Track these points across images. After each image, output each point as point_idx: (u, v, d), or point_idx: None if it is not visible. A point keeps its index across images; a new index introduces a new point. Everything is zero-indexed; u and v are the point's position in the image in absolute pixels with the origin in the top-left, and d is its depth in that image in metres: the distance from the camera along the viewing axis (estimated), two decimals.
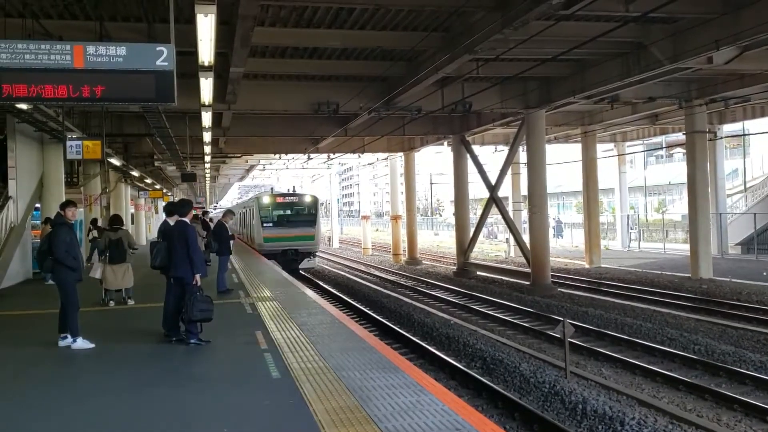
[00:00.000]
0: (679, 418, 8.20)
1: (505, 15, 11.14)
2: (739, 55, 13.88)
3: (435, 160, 67.12)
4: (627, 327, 13.81)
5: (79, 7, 11.38)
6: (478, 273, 25.96)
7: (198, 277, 7.81)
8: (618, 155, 34.48)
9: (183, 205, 8.48)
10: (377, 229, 66.54)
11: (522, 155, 26.95)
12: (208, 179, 44.14)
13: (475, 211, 41.11)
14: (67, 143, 13.03)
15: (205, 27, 8.32)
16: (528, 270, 21.36)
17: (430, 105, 18.85)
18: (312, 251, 26.07)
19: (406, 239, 34.79)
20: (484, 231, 35.48)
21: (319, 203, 28.14)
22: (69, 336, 7.77)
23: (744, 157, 37.76)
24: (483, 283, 22.99)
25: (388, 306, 17.32)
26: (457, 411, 4.97)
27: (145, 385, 6.15)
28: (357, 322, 12.57)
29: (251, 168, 44.15)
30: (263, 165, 42.26)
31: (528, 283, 20.88)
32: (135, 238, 16.73)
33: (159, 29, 11.30)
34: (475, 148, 28.49)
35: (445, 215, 78.29)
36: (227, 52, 12.54)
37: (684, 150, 26.48)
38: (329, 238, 51.31)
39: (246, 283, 13.92)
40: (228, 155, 31.75)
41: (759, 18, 11.37)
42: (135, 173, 26.45)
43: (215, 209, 66.07)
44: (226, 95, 15.84)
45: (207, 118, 15.73)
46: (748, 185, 33.00)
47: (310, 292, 12.97)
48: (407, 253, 34.14)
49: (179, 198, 25.36)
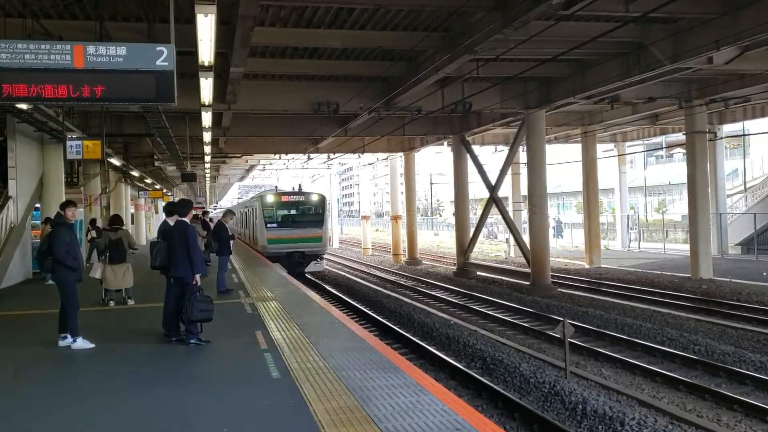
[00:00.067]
0: (679, 418, 8.20)
1: (505, 15, 11.14)
2: (740, 55, 13.90)
3: (435, 160, 67.07)
4: (627, 327, 13.81)
5: (79, 7, 11.38)
6: (478, 273, 25.97)
7: (198, 277, 7.81)
8: (618, 155, 34.50)
9: (183, 205, 8.47)
10: (377, 229, 66.55)
11: (522, 155, 26.94)
12: (208, 179, 44.13)
13: (475, 211, 41.10)
14: (67, 143, 13.02)
15: (205, 27, 8.32)
16: (528, 270, 21.37)
17: (430, 105, 18.85)
18: (319, 253, 24.48)
19: (406, 239, 34.79)
20: (484, 231, 35.48)
21: (327, 202, 26.55)
22: (69, 336, 7.77)
23: (744, 158, 37.74)
24: (483, 284, 22.99)
25: (388, 306, 17.33)
26: (457, 411, 4.97)
27: (145, 385, 6.14)
28: (357, 322, 12.58)
29: (251, 168, 44.17)
30: (263, 165, 42.26)
31: (528, 284, 20.89)
32: (135, 238, 16.73)
33: (159, 29, 11.30)
34: (475, 148, 28.50)
35: (445, 215, 78.28)
36: (227, 52, 12.55)
37: (684, 150, 26.48)
38: (329, 238, 51.17)
39: (246, 283, 13.92)
40: (228, 155, 31.74)
41: (759, 18, 11.37)
42: (135, 173, 26.44)
43: (215, 209, 66.04)
44: (226, 95, 15.84)
45: (207, 118, 15.73)
46: (748, 185, 32.99)
47: (310, 292, 12.97)
48: (407, 253, 34.15)
49: (179, 198, 25.33)
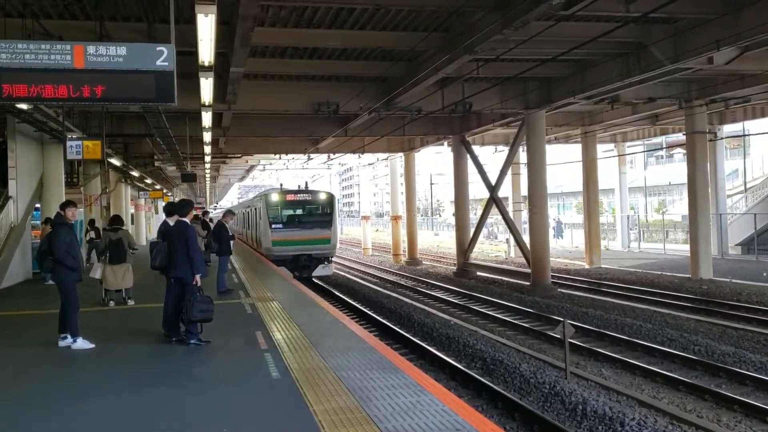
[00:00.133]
0: (679, 418, 8.20)
1: (505, 15, 11.14)
2: (740, 56, 13.91)
3: (435, 160, 67.09)
4: (627, 327, 13.81)
5: (79, 7, 11.38)
6: (478, 273, 25.96)
7: (198, 278, 7.80)
8: (618, 155, 34.51)
9: (183, 206, 8.46)
10: (377, 230, 66.54)
11: (522, 155, 26.94)
12: (208, 179, 44.14)
13: (475, 212, 41.09)
14: (67, 143, 13.03)
15: (205, 27, 8.32)
16: (528, 270, 21.36)
17: (430, 105, 18.85)
18: (328, 256, 22.69)
19: (406, 239, 34.77)
20: (484, 231, 35.47)
21: (336, 201, 24.82)
22: (69, 336, 7.77)
23: (744, 158, 37.74)
24: (483, 284, 22.98)
25: (388, 306, 17.33)
26: (457, 411, 4.96)
27: (145, 385, 6.14)
28: (357, 322, 12.57)
29: (251, 168, 44.18)
30: (263, 165, 42.26)
31: (528, 284, 20.89)
32: (135, 238, 16.72)
33: (159, 29, 11.30)
34: (475, 148, 28.50)
35: (445, 215, 78.27)
36: (227, 52, 12.55)
37: (684, 150, 26.48)
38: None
39: (246, 284, 13.91)
40: (228, 155, 31.74)
41: (759, 18, 11.37)
42: (135, 173, 26.44)
43: (215, 209, 66.02)
44: (226, 95, 15.84)
45: (207, 118, 15.72)
46: (748, 186, 33.00)
47: (310, 292, 12.96)
48: (407, 254, 34.13)
49: (179, 198, 25.30)
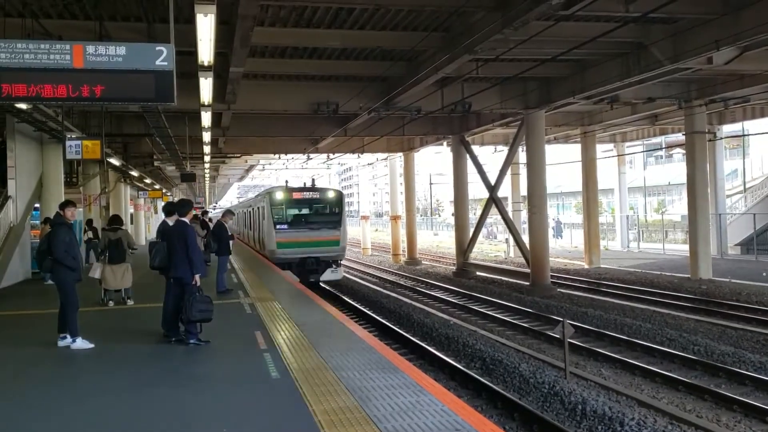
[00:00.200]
0: (679, 418, 8.21)
1: (505, 15, 11.14)
2: (739, 56, 13.91)
3: (435, 160, 67.11)
4: (626, 327, 13.81)
5: (79, 7, 11.37)
6: (477, 273, 25.96)
7: (197, 278, 7.80)
8: (617, 155, 34.53)
9: (183, 205, 8.46)
10: (377, 229, 66.56)
11: (522, 155, 26.95)
12: (207, 179, 44.13)
13: (475, 212, 41.08)
14: (67, 143, 13.01)
15: (205, 27, 8.31)
16: (527, 270, 21.36)
17: (429, 105, 18.84)
18: (337, 259, 21.08)
19: (405, 239, 34.78)
20: (483, 231, 35.46)
21: (345, 199, 23.08)
22: (68, 336, 7.77)
23: (743, 158, 37.78)
24: (482, 284, 22.98)
25: (387, 306, 17.32)
26: (457, 411, 4.97)
27: (145, 385, 6.14)
28: (356, 322, 12.56)
29: (251, 168, 44.15)
30: (263, 165, 42.23)
31: (527, 284, 20.89)
32: (134, 238, 16.71)
33: (159, 29, 11.29)
34: (475, 148, 28.52)
35: (445, 215, 78.25)
36: (227, 52, 12.54)
37: (683, 150, 26.50)
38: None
39: (245, 284, 13.91)
40: (227, 155, 31.72)
41: (759, 18, 11.37)
42: (134, 173, 26.42)
43: (214, 209, 65.98)
44: (225, 95, 15.83)
45: (206, 118, 15.71)
46: (747, 186, 33.04)
47: (309, 292, 12.96)
48: (407, 254, 34.14)
49: (179, 198, 25.28)
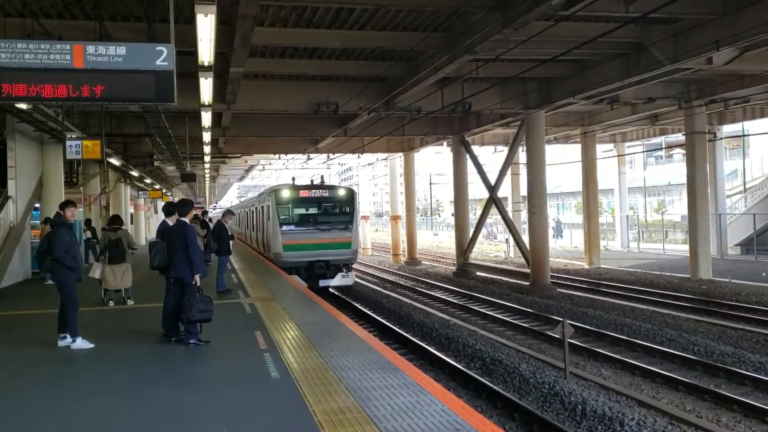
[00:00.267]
0: (679, 418, 8.21)
1: (505, 15, 11.14)
2: (739, 56, 13.92)
3: (435, 160, 67.07)
4: (626, 328, 13.81)
5: (79, 7, 11.37)
6: (477, 273, 25.96)
7: (197, 278, 7.80)
8: (617, 156, 34.53)
9: (183, 205, 8.44)
10: (377, 230, 66.58)
11: (522, 155, 26.95)
12: (207, 179, 44.13)
13: (475, 212, 41.11)
14: (67, 143, 13.01)
15: (205, 27, 8.31)
16: (527, 270, 21.37)
17: (429, 105, 18.85)
18: (348, 263, 19.60)
19: (405, 239, 34.79)
20: (483, 231, 35.46)
21: (357, 198, 21.40)
22: (68, 336, 7.77)
23: (743, 158, 37.79)
24: (482, 284, 22.99)
25: (387, 306, 17.33)
26: (457, 411, 4.96)
27: (145, 385, 6.14)
28: (356, 322, 12.56)
29: (251, 168, 44.17)
30: (263, 165, 42.24)
31: (527, 284, 20.89)
32: (134, 238, 16.72)
33: (159, 29, 11.28)
34: (475, 148, 28.52)
35: (445, 215, 78.23)
36: (227, 52, 12.54)
37: (683, 151, 26.49)
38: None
39: (245, 284, 13.91)
40: (228, 155, 31.73)
41: (759, 19, 11.38)
42: (134, 173, 26.42)
43: (215, 209, 65.96)
44: (226, 95, 15.84)
45: (207, 118, 15.71)
46: (747, 186, 33.04)
47: (309, 292, 12.96)
48: (407, 254, 34.14)
49: (179, 198, 25.27)
